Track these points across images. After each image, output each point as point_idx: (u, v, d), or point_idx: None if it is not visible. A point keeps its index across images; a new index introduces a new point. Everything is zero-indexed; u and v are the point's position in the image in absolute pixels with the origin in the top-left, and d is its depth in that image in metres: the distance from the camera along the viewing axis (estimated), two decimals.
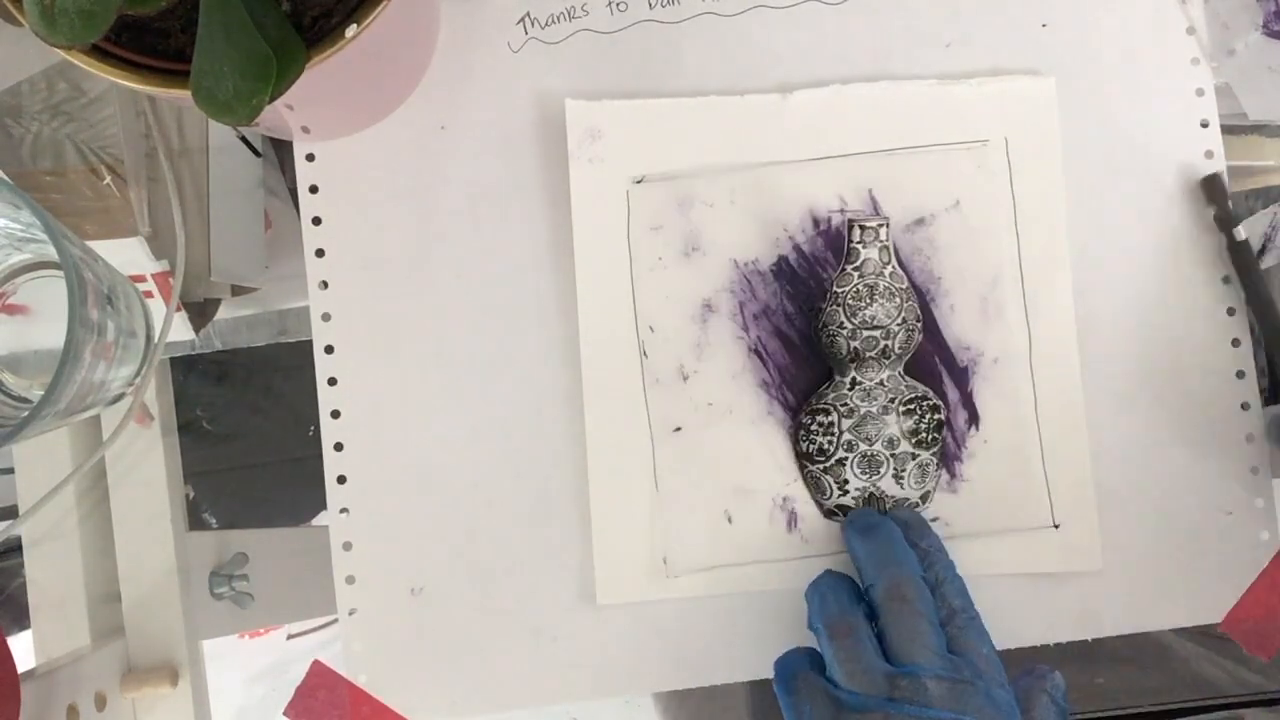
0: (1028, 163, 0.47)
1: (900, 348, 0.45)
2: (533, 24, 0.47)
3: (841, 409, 0.46)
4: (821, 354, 0.46)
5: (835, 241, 0.46)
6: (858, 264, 0.45)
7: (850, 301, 0.45)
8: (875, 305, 0.45)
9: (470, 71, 0.47)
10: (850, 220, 0.46)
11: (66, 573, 0.53)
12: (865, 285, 0.45)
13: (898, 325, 0.45)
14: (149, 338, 0.47)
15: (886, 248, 0.45)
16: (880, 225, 0.45)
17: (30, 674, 0.46)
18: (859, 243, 0.45)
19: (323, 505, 0.46)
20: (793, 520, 0.46)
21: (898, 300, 0.45)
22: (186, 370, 0.73)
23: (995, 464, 0.46)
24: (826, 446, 0.46)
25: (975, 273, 0.47)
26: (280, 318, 0.55)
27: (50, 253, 0.39)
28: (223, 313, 0.52)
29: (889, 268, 0.45)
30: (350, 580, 0.46)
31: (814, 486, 0.46)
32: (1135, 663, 0.60)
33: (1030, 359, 0.47)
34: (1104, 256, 0.47)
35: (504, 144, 0.47)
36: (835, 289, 0.46)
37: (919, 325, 0.46)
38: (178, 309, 0.48)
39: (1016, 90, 0.47)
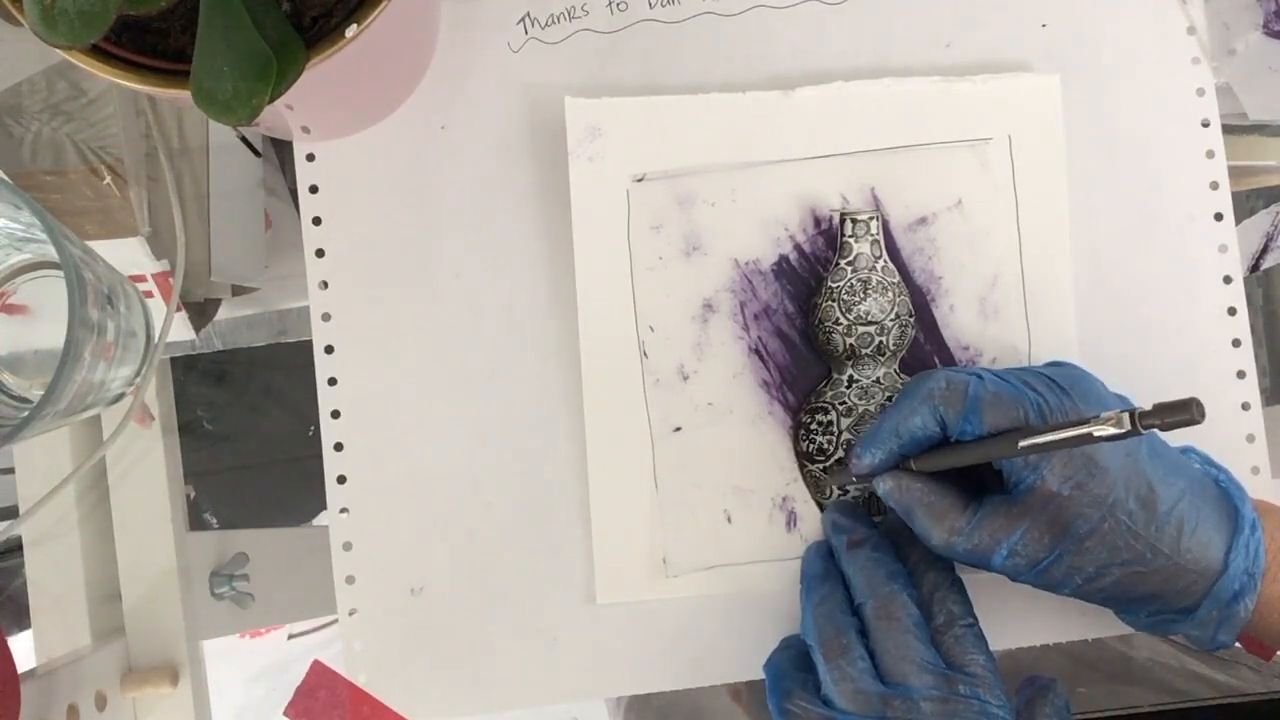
0: (1031, 161, 0.47)
1: (895, 343, 0.45)
2: (533, 24, 0.47)
3: (840, 407, 0.46)
4: (818, 351, 0.46)
5: (836, 241, 0.46)
6: (850, 258, 0.45)
7: (844, 296, 0.45)
8: (869, 300, 0.45)
9: (470, 71, 0.47)
10: (842, 214, 0.46)
11: (66, 573, 0.53)
12: (859, 280, 0.45)
13: (891, 320, 0.45)
14: (149, 338, 0.47)
15: (878, 241, 0.46)
16: (871, 218, 0.45)
17: (30, 674, 0.46)
18: (851, 236, 0.46)
19: (323, 505, 0.46)
20: (792, 520, 0.46)
21: (890, 295, 0.45)
22: (186, 370, 0.73)
23: None
24: (826, 446, 0.46)
25: (976, 272, 0.47)
26: (280, 318, 0.55)
27: (50, 253, 0.40)
28: (223, 313, 0.52)
29: (881, 261, 0.45)
30: (350, 580, 0.46)
31: (814, 486, 0.46)
32: (1120, 676, 0.60)
33: (1030, 359, 0.47)
34: (1104, 257, 0.47)
35: (504, 144, 0.47)
36: (829, 284, 0.46)
37: (913, 321, 0.46)
38: (178, 309, 0.48)
39: (1021, 88, 0.47)
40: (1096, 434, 0.34)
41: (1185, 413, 0.31)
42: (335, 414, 0.46)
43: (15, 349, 0.46)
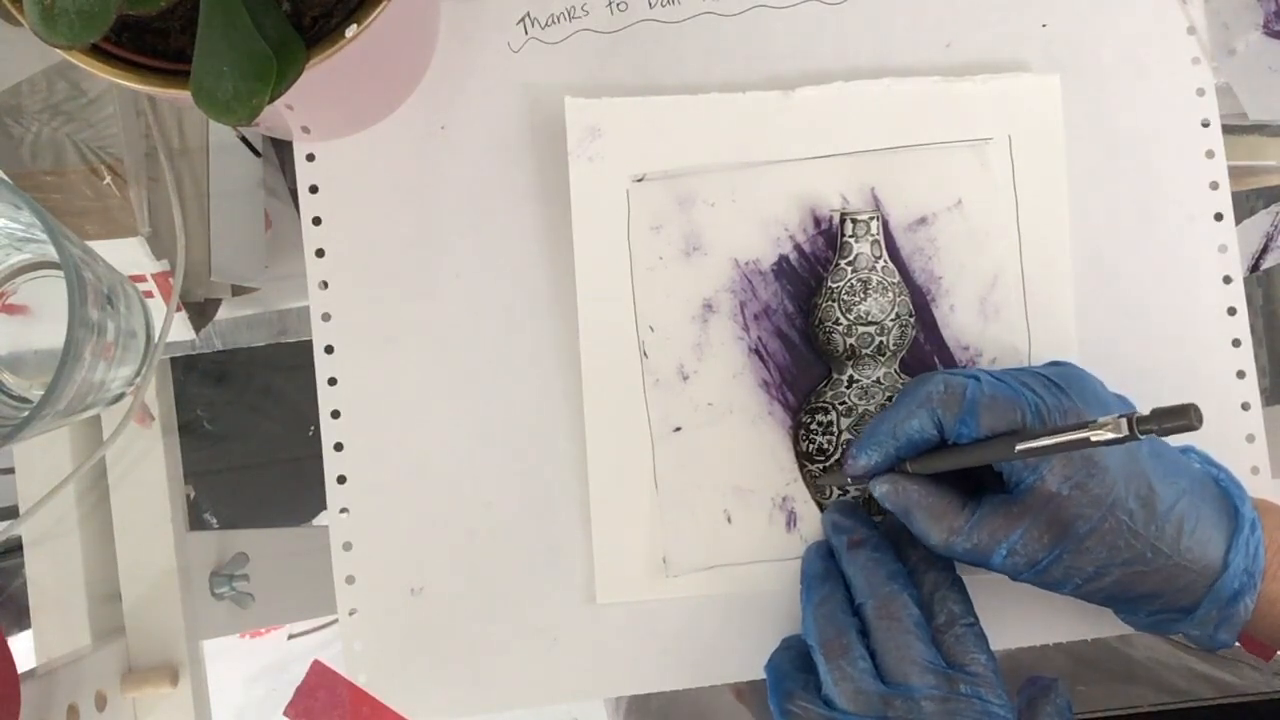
0: (1031, 161, 0.47)
1: (895, 344, 0.45)
2: (533, 24, 0.47)
3: (840, 408, 0.46)
4: (818, 351, 0.46)
5: (836, 241, 0.46)
6: (850, 258, 0.45)
7: (845, 297, 0.45)
8: (869, 300, 0.45)
9: (470, 71, 0.47)
10: (842, 214, 0.46)
11: (66, 573, 0.53)
12: (859, 280, 0.45)
13: (891, 320, 0.45)
14: (149, 338, 0.47)
15: (878, 241, 0.46)
16: (871, 218, 0.45)
17: (30, 674, 0.46)
18: (851, 236, 0.46)
19: (323, 505, 0.46)
20: (792, 520, 0.46)
21: (890, 295, 0.45)
22: (186, 370, 0.72)
23: None
24: (826, 446, 0.46)
25: (976, 272, 0.47)
26: (280, 318, 0.55)
27: (50, 253, 0.40)
28: (223, 313, 0.52)
29: (881, 261, 0.45)
30: (350, 580, 0.46)
31: (814, 486, 0.46)
32: (1122, 675, 0.60)
33: (1030, 359, 0.47)
34: (1104, 256, 0.47)
35: (504, 144, 0.47)
36: (829, 284, 0.46)
37: (913, 320, 0.46)
38: (178, 309, 0.48)
39: (1021, 88, 0.47)
40: (1094, 439, 0.34)
41: (1183, 418, 0.31)
42: (335, 414, 0.46)
43: (15, 349, 0.46)
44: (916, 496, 0.40)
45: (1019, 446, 0.37)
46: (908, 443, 0.40)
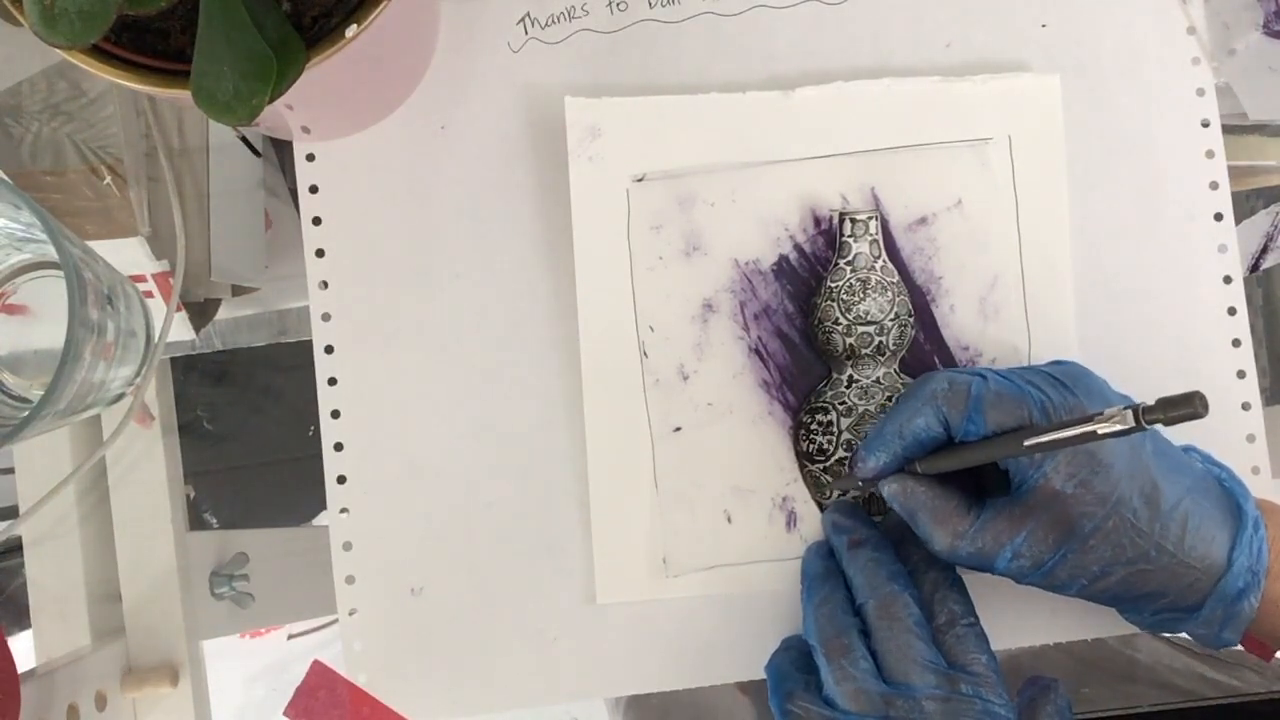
0: (1031, 161, 0.47)
1: (895, 343, 0.45)
2: (533, 24, 0.48)
3: (840, 407, 0.46)
4: (818, 351, 0.46)
5: (835, 240, 0.46)
6: (849, 258, 0.45)
7: (844, 296, 0.45)
8: (868, 300, 0.45)
9: (470, 71, 0.47)
10: (841, 214, 0.46)
11: (66, 573, 0.53)
12: (858, 280, 0.45)
13: (891, 320, 0.45)
14: (149, 338, 0.47)
15: (877, 241, 0.46)
16: (870, 218, 0.45)
17: (30, 674, 0.46)
18: (850, 236, 0.46)
19: (323, 505, 0.46)
20: (792, 520, 0.46)
21: (889, 294, 0.45)
22: (186, 370, 0.72)
23: None
24: (826, 446, 0.46)
25: (976, 272, 0.47)
26: (280, 318, 0.55)
27: (50, 253, 0.40)
28: (223, 313, 0.52)
29: (880, 261, 0.46)
30: (350, 580, 0.46)
31: (814, 486, 0.46)
32: (1124, 676, 0.60)
33: (1030, 359, 0.47)
34: (1103, 256, 0.47)
35: (504, 144, 0.47)
36: (829, 284, 0.46)
37: (912, 320, 0.46)
38: (178, 309, 0.48)
39: (1021, 88, 0.47)
40: (1101, 431, 0.34)
41: (1188, 407, 0.31)
42: (335, 414, 0.46)
43: (15, 349, 0.46)
44: (924, 498, 0.40)
45: (1027, 442, 0.37)
46: (915, 442, 0.40)
